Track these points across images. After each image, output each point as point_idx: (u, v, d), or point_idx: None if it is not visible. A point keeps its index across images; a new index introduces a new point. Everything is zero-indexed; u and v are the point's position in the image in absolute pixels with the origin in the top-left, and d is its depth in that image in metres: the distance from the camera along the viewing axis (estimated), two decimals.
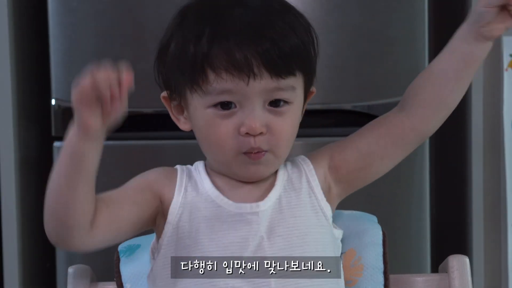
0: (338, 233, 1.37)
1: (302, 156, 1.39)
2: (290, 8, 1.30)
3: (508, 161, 2.48)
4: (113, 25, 2.40)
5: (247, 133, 1.25)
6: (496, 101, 2.50)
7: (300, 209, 1.32)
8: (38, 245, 2.64)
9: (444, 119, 1.39)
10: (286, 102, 1.28)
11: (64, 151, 1.18)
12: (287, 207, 1.31)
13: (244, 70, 1.22)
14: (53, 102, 2.41)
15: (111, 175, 2.45)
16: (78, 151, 1.18)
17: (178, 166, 1.37)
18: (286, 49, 1.24)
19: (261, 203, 1.30)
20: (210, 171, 1.34)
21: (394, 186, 2.45)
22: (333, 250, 1.33)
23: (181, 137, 2.43)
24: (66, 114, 2.41)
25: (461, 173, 2.62)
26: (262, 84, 1.24)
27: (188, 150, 2.45)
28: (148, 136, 2.46)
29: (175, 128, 2.44)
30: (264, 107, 1.26)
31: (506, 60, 2.47)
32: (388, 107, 2.42)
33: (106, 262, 1.81)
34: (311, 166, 1.36)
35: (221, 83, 1.24)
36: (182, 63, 1.27)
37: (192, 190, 1.32)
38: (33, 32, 2.60)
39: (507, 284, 2.49)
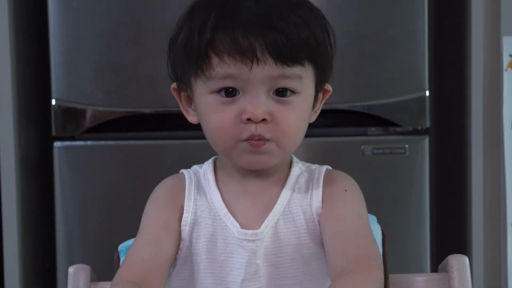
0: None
1: (325, 168, 1.33)
2: (306, 3, 1.28)
3: (508, 161, 2.48)
4: (113, 25, 2.40)
5: (248, 119, 1.22)
6: (496, 101, 2.50)
7: (297, 236, 1.29)
8: (38, 245, 2.65)
9: None
10: (292, 92, 1.25)
11: None
12: (284, 232, 1.28)
13: (247, 55, 1.20)
14: (53, 102, 2.41)
15: (111, 175, 2.46)
16: None
17: (185, 173, 1.34)
18: (294, 38, 1.22)
19: (258, 232, 1.27)
20: (219, 174, 1.33)
21: (394, 186, 2.45)
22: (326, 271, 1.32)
23: (181, 137, 2.43)
24: (66, 114, 2.42)
25: (461, 173, 2.62)
26: (266, 70, 1.22)
27: (188, 150, 2.46)
28: (148, 136, 2.46)
29: (175, 128, 2.45)
30: (268, 95, 1.24)
31: (506, 60, 2.47)
32: (387, 107, 2.44)
33: (106, 262, 1.81)
34: (320, 187, 1.31)
35: (224, 68, 1.22)
36: (188, 50, 1.26)
37: (201, 203, 1.30)
38: (33, 32, 2.60)
39: (507, 284, 2.49)
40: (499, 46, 2.47)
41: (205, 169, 1.34)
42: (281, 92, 1.24)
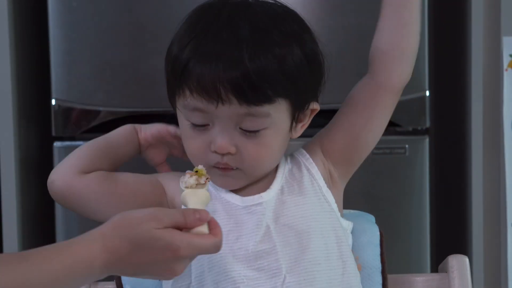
0: (347, 223, 1.38)
1: (299, 149, 1.40)
2: (292, 19, 1.30)
3: (508, 161, 2.48)
4: (113, 25, 2.40)
5: (215, 151, 1.27)
6: (496, 101, 2.50)
7: (303, 197, 1.34)
8: (38, 245, 2.64)
9: (407, 70, 1.39)
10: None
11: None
12: (290, 196, 1.33)
13: (212, 96, 1.23)
14: (53, 102, 2.41)
15: None
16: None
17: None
18: (260, 79, 1.23)
19: (263, 194, 1.32)
20: None
21: (394, 186, 2.45)
22: (340, 237, 1.34)
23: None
24: (66, 114, 2.42)
25: (461, 173, 2.62)
26: (232, 109, 1.24)
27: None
28: None
29: None
30: (235, 128, 1.27)
31: (506, 60, 2.47)
32: None
33: None
34: (308, 156, 1.37)
35: (194, 102, 1.25)
36: (169, 73, 1.30)
37: None
38: (33, 32, 2.60)
39: (507, 284, 2.49)
40: (499, 46, 2.47)
41: None
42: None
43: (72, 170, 1.34)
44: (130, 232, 1.13)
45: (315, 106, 1.34)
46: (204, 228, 1.14)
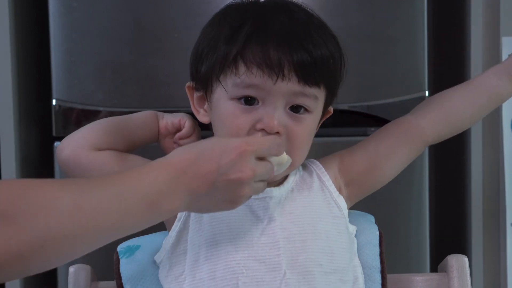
0: (352, 228, 1.39)
1: (311, 159, 1.42)
2: (326, 27, 1.36)
3: (507, 161, 2.49)
4: (114, 25, 2.40)
5: (262, 129, 1.28)
6: None
7: (311, 200, 1.36)
8: None
9: (448, 135, 1.46)
10: (306, 110, 1.31)
11: None
12: (299, 196, 1.35)
13: (274, 69, 1.26)
14: (53, 102, 2.41)
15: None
16: None
17: None
18: (318, 61, 1.29)
19: (274, 189, 1.34)
20: None
21: (393, 186, 2.44)
22: (347, 243, 1.35)
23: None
24: (67, 114, 2.42)
25: (460, 173, 2.62)
26: (289, 86, 1.28)
27: None
28: None
29: None
30: (285, 110, 1.29)
31: None
32: (387, 107, 2.44)
33: (106, 262, 1.82)
34: (321, 166, 1.40)
35: (250, 77, 1.27)
36: (216, 52, 1.31)
37: None
38: (33, 32, 2.61)
39: (506, 284, 2.50)
40: (499, 46, 2.47)
41: None
42: (295, 109, 1.30)
43: (84, 143, 1.35)
44: (191, 145, 1.15)
45: (330, 109, 1.40)
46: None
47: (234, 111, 1.29)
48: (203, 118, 1.38)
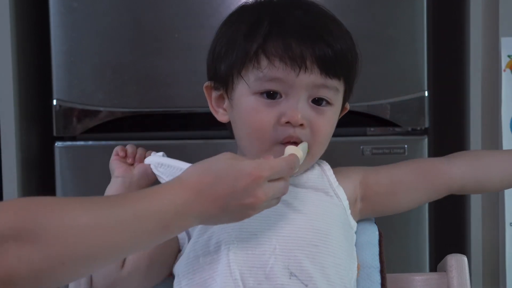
0: (354, 223, 1.40)
1: (320, 159, 1.42)
2: (341, 23, 1.37)
3: None
4: (114, 25, 2.41)
5: (287, 123, 1.29)
6: (495, 101, 2.50)
7: (314, 193, 1.36)
8: None
9: (473, 191, 1.48)
10: (328, 102, 1.32)
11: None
12: (303, 189, 1.36)
13: (297, 61, 1.27)
14: (54, 102, 2.41)
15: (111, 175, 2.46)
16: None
17: None
18: (339, 52, 1.30)
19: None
20: None
21: None
22: (346, 235, 1.36)
23: (181, 137, 2.44)
24: (67, 115, 2.42)
25: None
26: (311, 78, 1.29)
27: (188, 150, 2.46)
28: (148, 136, 2.46)
29: (175, 128, 2.45)
30: (307, 102, 1.31)
31: (504, 60, 2.48)
32: (387, 107, 2.44)
33: None
34: (329, 166, 1.41)
35: (273, 71, 1.28)
36: (236, 49, 1.31)
37: None
38: (34, 33, 2.61)
39: (505, 283, 2.50)
40: (498, 47, 2.47)
41: None
42: (317, 101, 1.31)
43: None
44: (206, 167, 1.16)
45: (347, 105, 1.42)
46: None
47: (257, 106, 1.30)
48: (222, 117, 1.38)
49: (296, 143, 1.29)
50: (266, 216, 1.29)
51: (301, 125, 1.29)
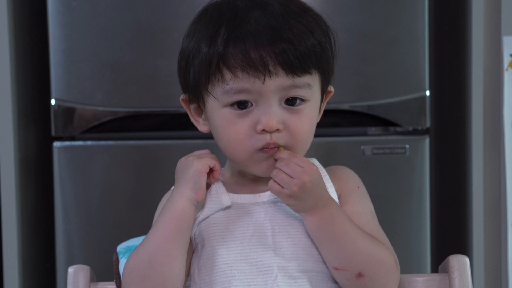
0: None
1: (312, 158, 1.40)
2: (308, 10, 1.32)
3: (508, 161, 2.48)
4: (113, 25, 2.40)
5: (263, 130, 1.27)
6: (496, 101, 2.50)
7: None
8: (38, 245, 2.64)
9: None
10: (302, 100, 1.29)
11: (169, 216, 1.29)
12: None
13: (259, 69, 1.24)
14: (52, 102, 2.41)
15: (111, 175, 2.46)
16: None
17: None
18: (302, 49, 1.26)
19: (262, 194, 1.33)
20: (230, 178, 1.37)
21: (394, 186, 2.45)
22: None
23: (181, 137, 2.43)
24: (66, 114, 2.41)
25: (461, 173, 2.61)
26: (278, 82, 1.26)
27: (188, 150, 2.45)
28: (148, 136, 2.46)
29: (175, 128, 2.45)
30: (280, 105, 1.28)
31: (506, 60, 2.47)
32: (387, 107, 2.44)
33: (105, 262, 1.81)
34: (321, 166, 1.38)
35: (238, 82, 1.26)
36: (199, 63, 1.29)
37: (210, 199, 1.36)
38: (33, 32, 2.60)
39: (507, 284, 2.49)
40: (500, 46, 2.47)
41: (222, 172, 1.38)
42: (291, 101, 1.29)
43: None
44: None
45: (331, 89, 1.37)
46: None
47: (230, 118, 1.28)
48: (203, 127, 1.36)
49: (274, 148, 1.28)
50: (265, 245, 1.29)
51: (278, 129, 1.27)
